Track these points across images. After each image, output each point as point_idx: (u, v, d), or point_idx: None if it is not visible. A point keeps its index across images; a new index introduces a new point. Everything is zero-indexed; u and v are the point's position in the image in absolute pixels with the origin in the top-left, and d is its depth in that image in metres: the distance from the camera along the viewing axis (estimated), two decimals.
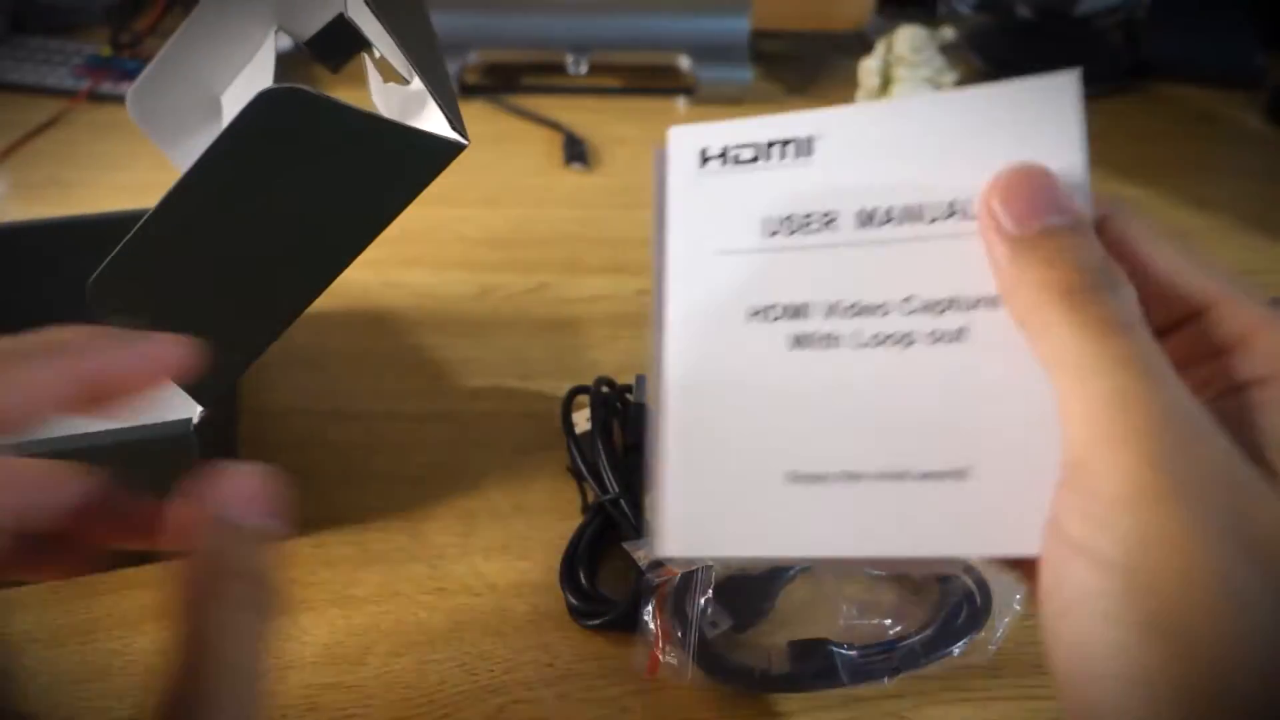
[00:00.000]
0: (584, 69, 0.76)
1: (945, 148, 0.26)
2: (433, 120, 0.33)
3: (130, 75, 0.69)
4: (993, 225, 0.24)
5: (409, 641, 0.38)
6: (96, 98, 0.73)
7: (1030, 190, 0.24)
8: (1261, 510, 0.20)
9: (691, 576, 0.36)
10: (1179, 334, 0.25)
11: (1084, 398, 0.22)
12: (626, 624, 0.37)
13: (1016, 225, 0.24)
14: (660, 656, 0.36)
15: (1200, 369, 0.24)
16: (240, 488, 0.24)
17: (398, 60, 0.35)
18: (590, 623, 0.38)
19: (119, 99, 0.43)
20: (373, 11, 0.33)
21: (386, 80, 0.38)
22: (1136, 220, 0.25)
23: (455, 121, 0.32)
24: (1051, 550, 0.22)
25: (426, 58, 0.33)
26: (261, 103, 0.30)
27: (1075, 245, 0.23)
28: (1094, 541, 0.21)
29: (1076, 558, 0.21)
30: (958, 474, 0.25)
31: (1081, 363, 0.22)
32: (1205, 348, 0.24)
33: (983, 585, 0.37)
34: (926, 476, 0.26)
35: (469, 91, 0.76)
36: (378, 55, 0.39)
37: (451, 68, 0.75)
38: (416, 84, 0.35)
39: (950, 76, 0.73)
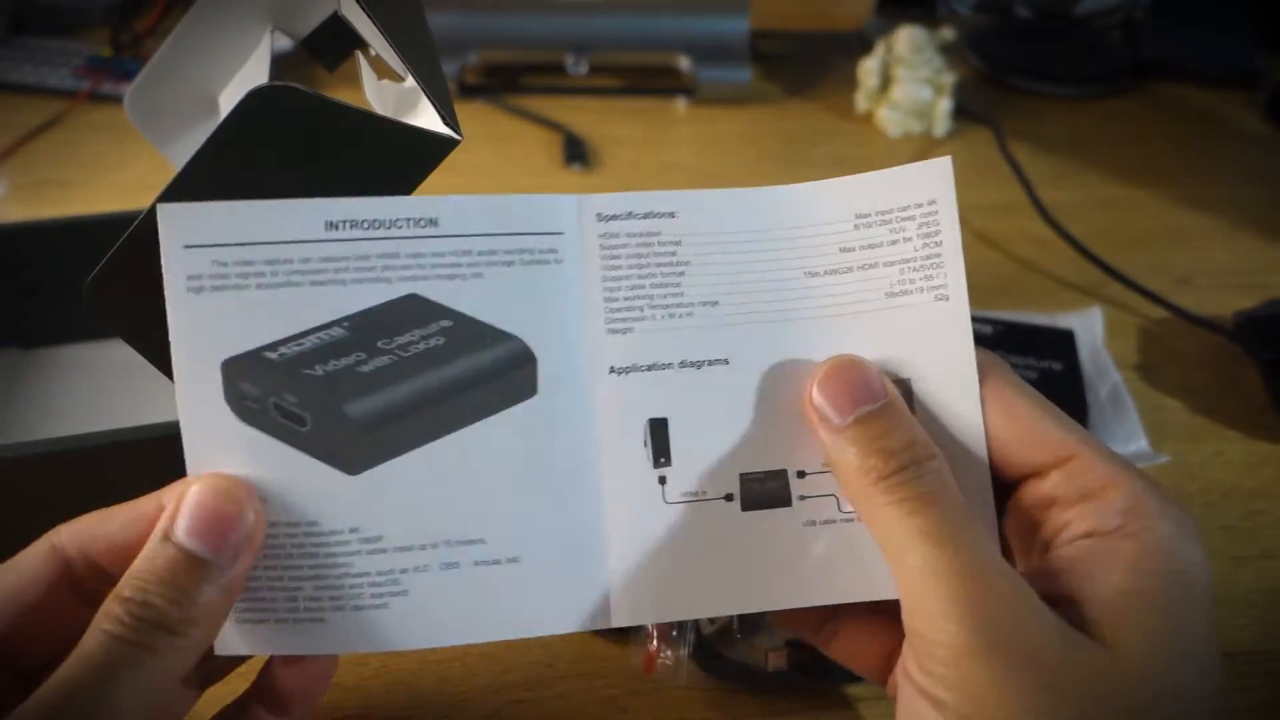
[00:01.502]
0: (584, 69, 0.76)
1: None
2: (426, 116, 0.33)
3: (130, 76, 0.69)
4: (816, 417, 0.28)
5: None
6: (96, 98, 0.73)
7: (845, 382, 0.28)
8: (1067, 668, 0.24)
9: None
10: (1044, 481, 0.28)
11: (903, 573, 0.25)
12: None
13: (839, 415, 0.27)
14: (656, 655, 0.36)
15: (1061, 513, 0.27)
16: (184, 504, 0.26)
17: (392, 57, 0.34)
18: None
19: (119, 99, 0.43)
20: (364, 9, 0.33)
21: (381, 77, 0.38)
22: (1001, 375, 0.28)
23: (448, 117, 0.32)
24: (905, 689, 0.26)
25: (419, 54, 0.33)
26: (253, 101, 0.30)
27: (884, 430, 0.27)
28: (935, 690, 0.24)
29: (923, 699, 0.25)
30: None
31: (896, 541, 0.26)
32: (1064, 494, 0.27)
33: None
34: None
35: (469, 92, 0.76)
36: (373, 53, 0.39)
37: (451, 68, 0.75)
38: (411, 81, 0.35)
39: (949, 77, 0.73)
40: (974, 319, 0.48)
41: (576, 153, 0.69)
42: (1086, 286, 0.58)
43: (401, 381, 0.28)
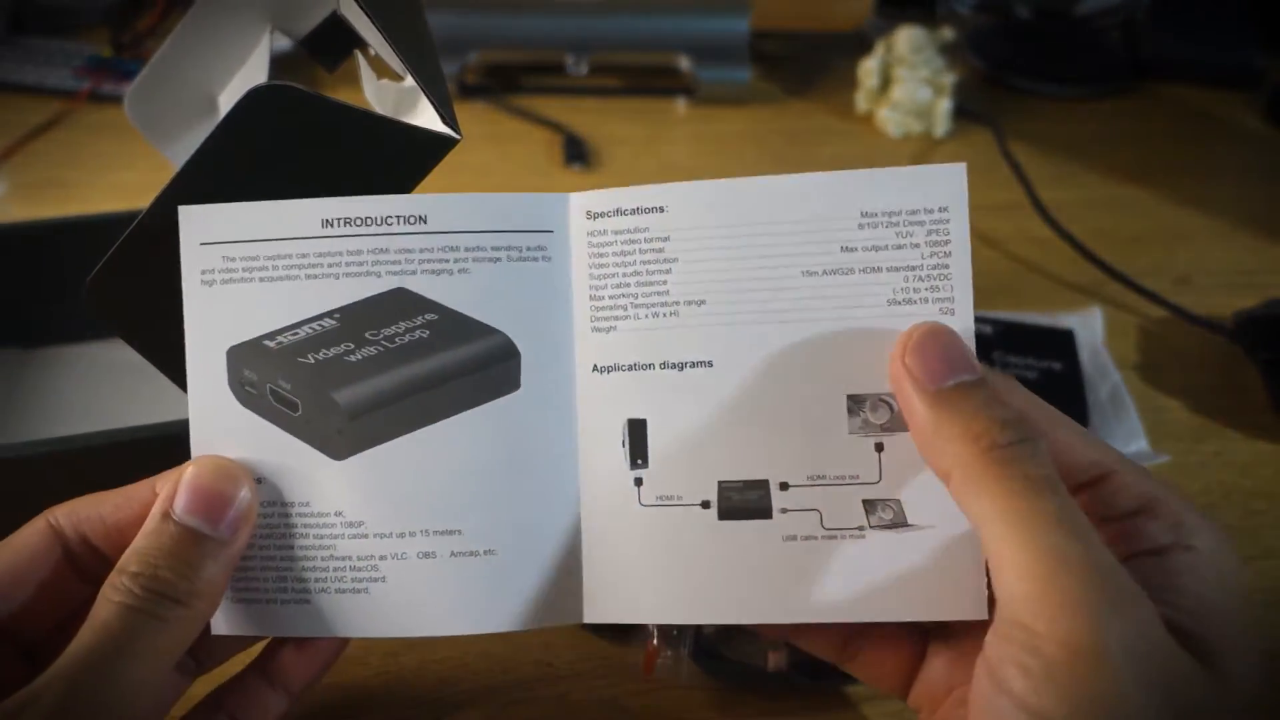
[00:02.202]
0: (584, 69, 0.76)
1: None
2: (425, 116, 0.33)
3: (130, 76, 0.69)
4: (909, 380, 0.26)
5: (409, 642, 0.38)
6: (97, 98, 0.73)
7: (941, 348, 0.26)
8: (1185, 685, 0.22)
9: None
10: (1080, 498, 0.26)
11: (1021, 555, 0.23)
12: (627, 624, 0.37)
13: (932, 380, 0.26)
14: (656, 655, 0.36)
15: (1105, 530, 0.26)
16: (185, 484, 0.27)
17: (391, 57, 0.34)
18: (590, 623, 0.38)
19: (119, 100, 0.43)
20: (363, 9, 0.33)
21: (381, 77, 0.38)
22: (1021, 393, 0.27)
23: (447, 116, 0.32)
24: (989, 697, 0.23)
25: (418, 53, 0.33)
26: (251, 100, 0.30)
27: (989, 400, 0.25)
28: (1035, 699, 0.21)
29: (1017, 712, 0.22)
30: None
31: (1016, 520, 0.23)
32: (1108, 510, 0.26)
33: None
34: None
35: (469, 92, 0.76)
36: (372, 53, 0.39)
37: (451, 68, 0.75)
38: (410, 80, 0.35)
39: (949, 77, 0.73)
40: (974, 319, 0.48)
41: (576, 153, 0.69)
42: (1086, 286, 0.58)
43: (387, 371, 0.29)
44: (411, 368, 0.29)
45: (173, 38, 0.42)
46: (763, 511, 0.28)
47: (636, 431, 0.29)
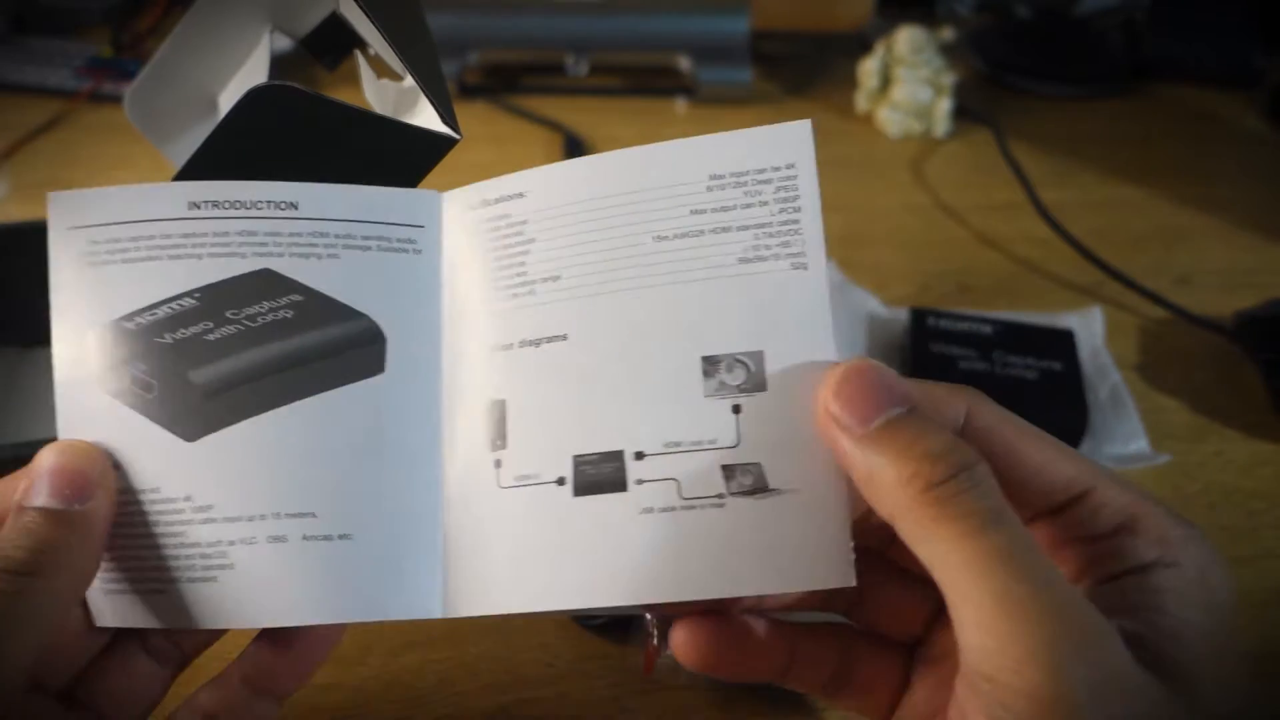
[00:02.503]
0: (584, 69, 0.76)
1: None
2: (425, 115, 0.33)
3: (131, 76, 0.68)
4: (835, 427, 0.25)
5: (409, 641, 0.38)
6: (98, 98, 0.73)
7: (865, 386, 0.25)
8: (1155, 716, 0.21)
9: None
10: (1057, 519, 0.25)
11: (973, 604, 0.22)
12: (626, 624, 0.37)
13: (861, 423, 0.24)
14: (656, 654, 0.36)
15: (1085, 550, 0.25)
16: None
17: (390, 56, 0.35)
18: (590, 622, 0.38)
19: (120, 100, 0.43)
20: (362, 8, 0.33)
21: (380, 77, 0.38)
22: (996, 411, 0.25)
23: (447, 116, 0.32)
24: None
25: (417, 52, 0.33)
26: (250, 100, 0.30)
27: (920, 434, 0.24)
28: None
29: None
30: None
31: (962, 565, 0.22)
32: (1087, 530, 0.25)
33: None
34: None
35: (469, 92, 0.76)
36: (372, 52, 0.39)
37: (451, 68, 0.75)
38: (410, 80, 0.35)
39: (949, 77, 0.73)
40: (974, 319, 0.48)
41: (577, 153, 0.69)
42: (1086, 286, 0.58)
43: (245, 350, 0.28)
44: (272, 347, 0.28)
45: (173, 37, 0.42)
46: (618, 484, 0.27)
47: (495, 412, 0.28)
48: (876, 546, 0.29)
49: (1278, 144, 0.74)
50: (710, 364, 0.27)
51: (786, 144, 0.28)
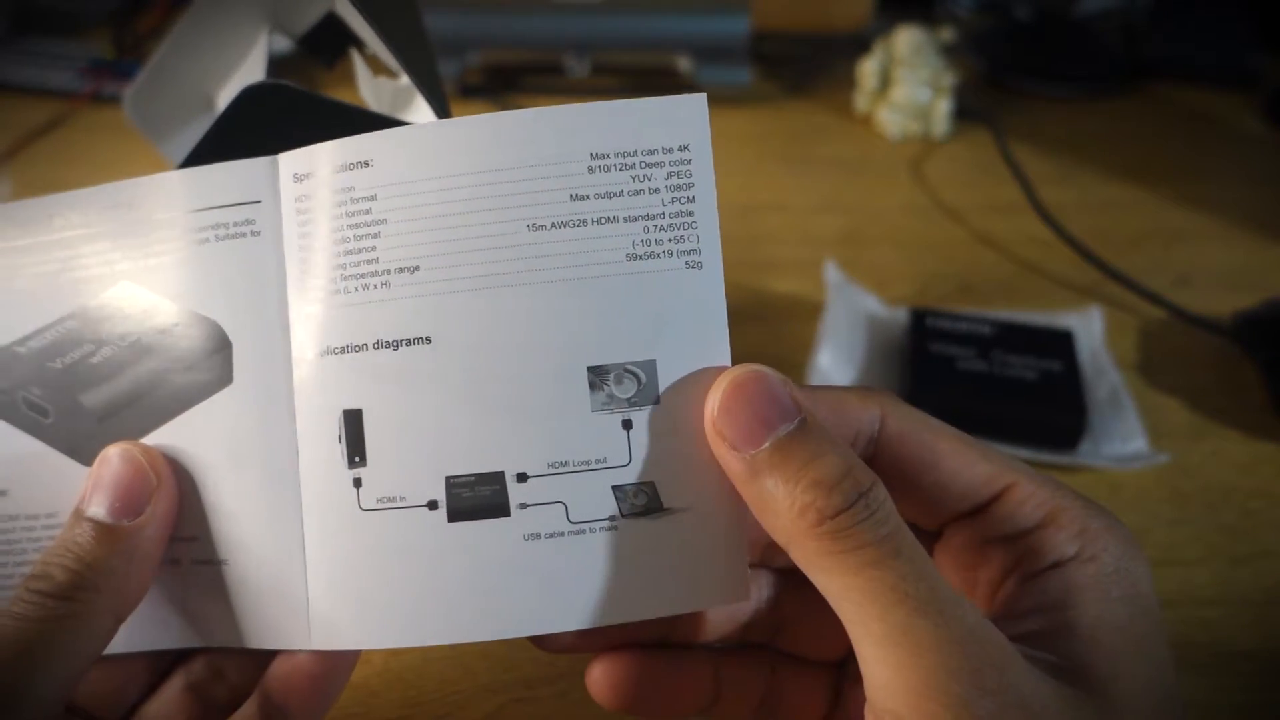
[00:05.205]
0: (584, 69, 0.76)
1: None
2: (420, 113, 0.33)
3: (133, 77, 0.69)
4: (724, 446, 0.23)
5: None
6: (99, 99, 0.73)
7: (752, 401, 0.23)
8: None
9: None
10: (977, 519, 0.25)
11: (873, 639, 0.21)
12: None
13: (749, 443, 0.23)
14: None
15: (1008, 548, 0.25)
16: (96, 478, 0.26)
17: (386, 54, 0.35)
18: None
19: (121, 100, 0.43)
20: (355, 6, 0.33)
21: (376, 75, 0.39)
22: (910, 414, 0.25)
23: (442, 113, 0.32)
24: None
25: (413, 50, 0.34)
26: (245, 98, 0.30)
27: (811, 455, 0.22)
28: None
29: None
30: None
31: (860, 600, 0.21)
32: (1009, 528, 0.25)
33: None
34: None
35: (469, 92, 0.76)
36: (369, 51, 0.39)
37: (451, 68, 0.75)
38: (406, 78, 0.35)
39: (949, 78, 0.73)
40: (974, 319, 0.48)
41: None
42: (1086, 286, 0.58)
43: (125, 370, 0.28)
44: (140, 367, 0.28)
45: (171, 38, 0.42)
46: (499, 509, 0.25)
47: (351, 424, 0.25)
48: (792, 565, 0.29)
49: (1277, 144, 0.74)
50: (597, 375, 0.25)
51: (679, 121, 0.25)
